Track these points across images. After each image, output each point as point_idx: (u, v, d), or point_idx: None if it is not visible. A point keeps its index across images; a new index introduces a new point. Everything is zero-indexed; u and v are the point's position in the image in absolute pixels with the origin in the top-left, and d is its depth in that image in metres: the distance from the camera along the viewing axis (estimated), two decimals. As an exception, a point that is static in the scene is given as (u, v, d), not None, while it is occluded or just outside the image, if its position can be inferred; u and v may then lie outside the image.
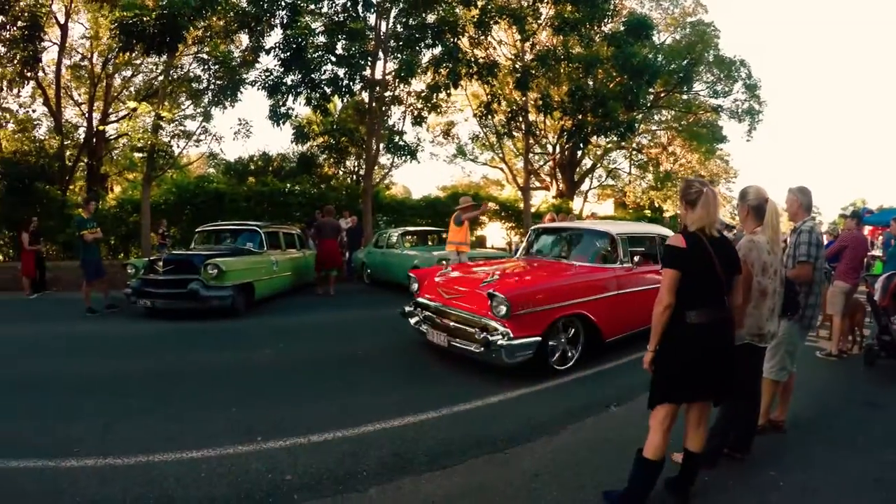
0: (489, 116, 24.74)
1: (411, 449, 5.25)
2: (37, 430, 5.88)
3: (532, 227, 11.93)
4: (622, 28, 24.30)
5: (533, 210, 27.46)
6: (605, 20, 23.59)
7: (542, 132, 30.61)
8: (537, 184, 36.54)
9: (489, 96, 24.00)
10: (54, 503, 4.40)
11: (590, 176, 43.37)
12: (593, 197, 46.64)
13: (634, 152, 43.53)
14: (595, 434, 5.58)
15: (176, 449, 5.29)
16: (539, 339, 7.44)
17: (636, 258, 9.25)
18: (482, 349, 7.31)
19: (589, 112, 23.47)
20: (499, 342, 7.16)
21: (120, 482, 4.71)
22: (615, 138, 29.02)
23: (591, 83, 24.99)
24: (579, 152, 35.54)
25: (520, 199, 28.86)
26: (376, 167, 25.53)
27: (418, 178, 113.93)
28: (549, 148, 34.69)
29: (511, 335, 7.18)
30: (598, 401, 6.48)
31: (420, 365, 8.36)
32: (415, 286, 9.53)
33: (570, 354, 8.11)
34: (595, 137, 27.35)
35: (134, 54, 22.35)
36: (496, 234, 33.14)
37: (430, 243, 18.10)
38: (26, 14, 21.65)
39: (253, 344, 9.96)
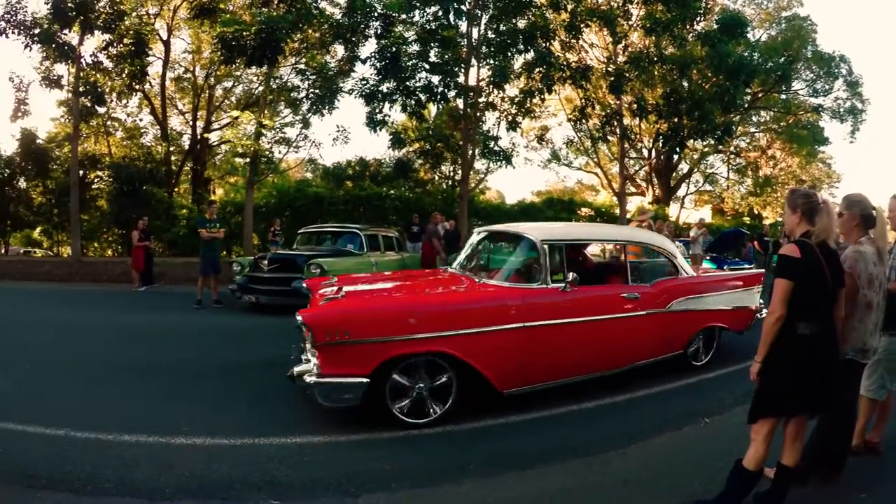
0: (583, 121, 24.40)
1: (508, 448, 5.30)
2: (149, 409, 6.43)
3: (476, 229, 9.21)
4: (715, 26, 23.60)
5: (628, 216, 26.51)
6: (697, 19, 22.96)
7: (638, 136, 29.73)
8: (633, 189, 35.61)
9: (583, 100, 23.74)
10: (164, 475, 4.76)
11: (686, 181, 41.92)
12: (690, 203, 45.11)
13: (732, 156, 41.80)
14: (689, 444, 5.50)
15: (280, 434, 5.60)
16: (366, 380, 5.56)
17: (571, 276, 6.49)
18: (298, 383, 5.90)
19: (684, 115, 23.07)
20: (306, 378, 5.70)
21: (227, 460, 5.05)
22: (712, 142, 28.37)
23: (685, 85, 24.49)
24: (675, 157, 34.67)
25: (615, 205, 28.27)
26: (471, 172, 25.58)
27: (512, 183, 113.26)
28: (645, 152, 34.10)
29: (320, 371, 5.64)
30: (694, 412, 6.33)
31: None
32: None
33: (431, 410, 5.93)
34: (691, 141, 26.73)
35: (234, 66, 23.35)
36: None
37: None
38: (132, 32, 23.11)
39: None
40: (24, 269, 21.92)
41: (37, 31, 21.87)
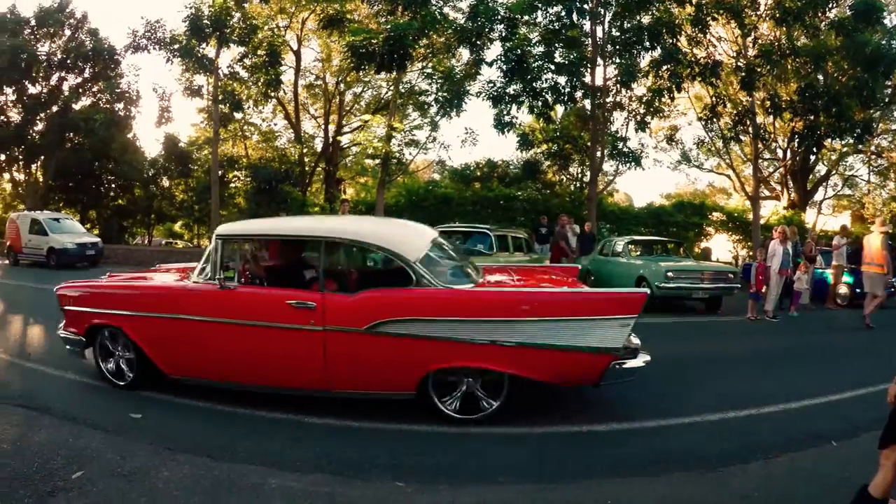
0: (714, 119, 23.53)
1: (627, 453, 5.28)
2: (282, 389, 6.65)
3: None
4: (849, 13, 22.30)
5: (762, 221, 25.42)
6: (830, 5, 21.76)
7: (772, 135, 28.10)
8: (766, 193, 33.43)
9: (713, 98, 22.97)
10: (294, 449, 5.10)
11: (824, 185, 38.10)
12: (828, 208, 41.29)
13: (873, 156, 37.54)
14: (812, 465, 5.21)
15: (405, 421, 5.83)
16: (81, 338, 6.93)
17: (224, 273, 6.25)
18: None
19: (821, 111, 21.84)
20: (59, 331, 7.39)
21: (355, 442, 5.35)
22: (851, 140, 26.55)
23: (820, 78, 23.22)
24: (812, 157, 31.83)
25: (748, 210, 26.75)
26: (599, 174, 24.89)
27: (640, 185, 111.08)
28: (779, 153, 32.34)
29: (62, 326, 7.28)
30: (821, 433, 5.96)
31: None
32: None
33: (126, 375, 6.79)
34: (829, 140, 25.18)
35: (364, 72, 24.05)
36: (722, 246, 30.52)
37: (655, 253, 17.36)
38: (265, 44, 24.54)
39: None
40: (168, 259, 23.38)
41: (176, 46, 23.47)
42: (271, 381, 6.28)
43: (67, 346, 7.28)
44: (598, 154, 22.91)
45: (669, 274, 13.14)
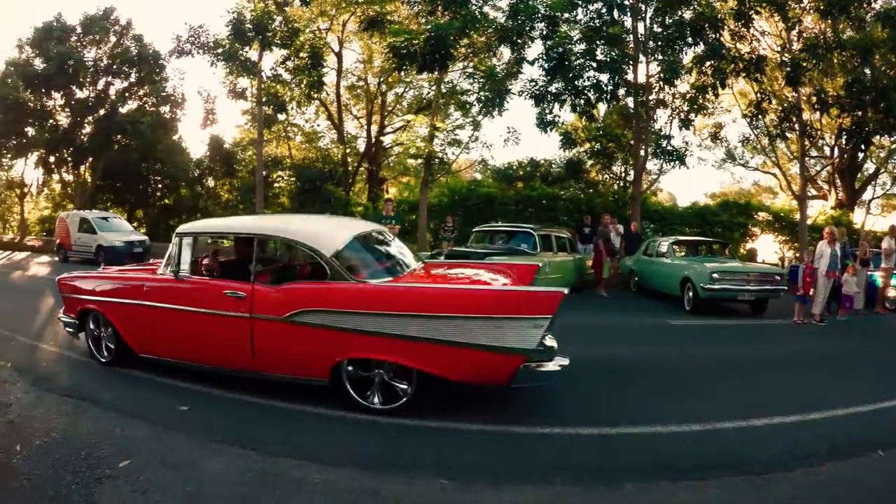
0: (759, 116, 23.01)
1: (670, 456, 5.21)
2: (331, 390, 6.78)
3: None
4: (895, 3, 21.45)
5: (809, 222, 24.50)
6: None
7: (819, 132, 27.63)
8: (813, 192, 32.01)
9: (758, 94, 22.49)
10: (341, 444, 5.13)
11: (872, 183, 36.86)
12: (877, 208, 40.26)
13: None
14: (857, 475, 5.09)
15: (452, 420, 5.86)
16: (76, 321, 8.08)
17: (174, 264, 7.03)
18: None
19: (869, 107, 21.23)
20: (59, 314, 8.69)
21: (400, 439, 5.43)
22: None
23: (868, 72, 22.53)
24: (860, 155, 30.96)
25: (794, 210, 25.94)
26: (643, 173, 24.55)
27: (684, 184, 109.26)
28: (827, 150, 31.52)
29: (61, 311, 8.53)
30: (868, 441, 5.80)
31: (680, 376, 8.09)
32: None
33: (104, 352, 7.89)
34: (877, 137, 24.15)
35: (405, 73, 24.15)
36: (768, 247, 29.02)
37: (700, 254, 16.92)
38: (307, 46, 24.70)
39: None
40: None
41: (219, 50, 23.81)
42: (212, 362, 6.96)
43: (67, 329, 8.44)
44: (642, 153, 22.58)
45: (715, 275, 12.88)
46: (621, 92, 21.71)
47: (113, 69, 38.56)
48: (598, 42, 21.02)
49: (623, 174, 28.49)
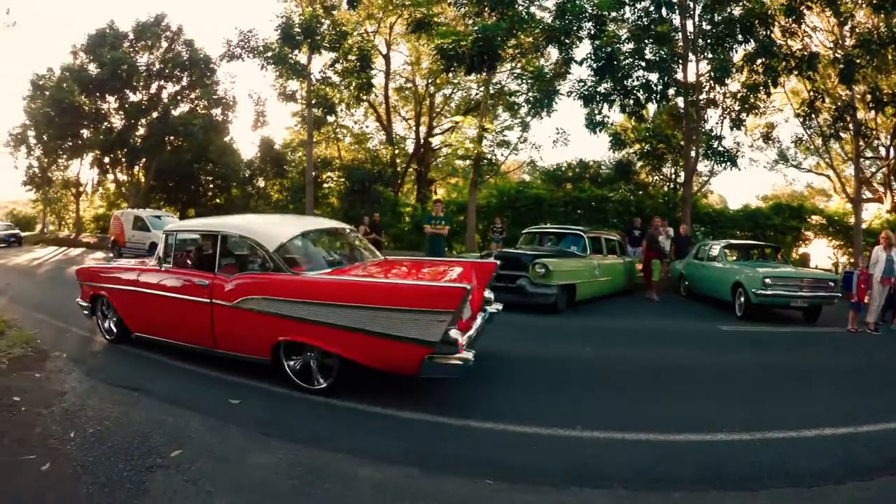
0: (812, 116, 22.38)
1: (721, 466, 5.11)
2: (379, 385, 6.90)
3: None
4: None
5: (864, 226, 23.86)
6: None
7: (874, 132, 26.11)
8: (868, 194, 30.99)
9: (810, 93, 21.90)
10: (390, 441, 5.31)
11: None
12: None
13: None
14: None
15: (502, 421, 5.86)
16: (88, 305, 9.31)
17: (157, 257, 8.30)
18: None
19: None
20: (77, 300, 9.76)
21: (450, 438, 5.50)
22: None
23: None
24: None
25: (849, 213, 25.16)
26: (693, 174, 23.56)
27: (735, 186, 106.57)
28: (882, 151, 30.53)
29: (78, 298, 9.69)
30: None
31: (730, 383, 7.82)
32: None
33: (112, 329, 8.99)
34: None
35: (453, 74, 24.19)
36: (821, 252, 27.41)
37: (752, 258, 16.38)
38: (355, 49, 24.99)
39: (572, 340, 10.32)
40: None
41: (269, 54, 24.21)
42: (183, 340, 7.90)
43: (83, 312, 9.49)
44: (692, 153, 21.97)
45: (767, 280, 12.47)
46: (671, 91, 21.34)
47: (165, 73, 39.71)
48: (646, 41, 20.71)
49: (673, 176, 28.02)
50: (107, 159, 42.21)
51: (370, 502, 4.24)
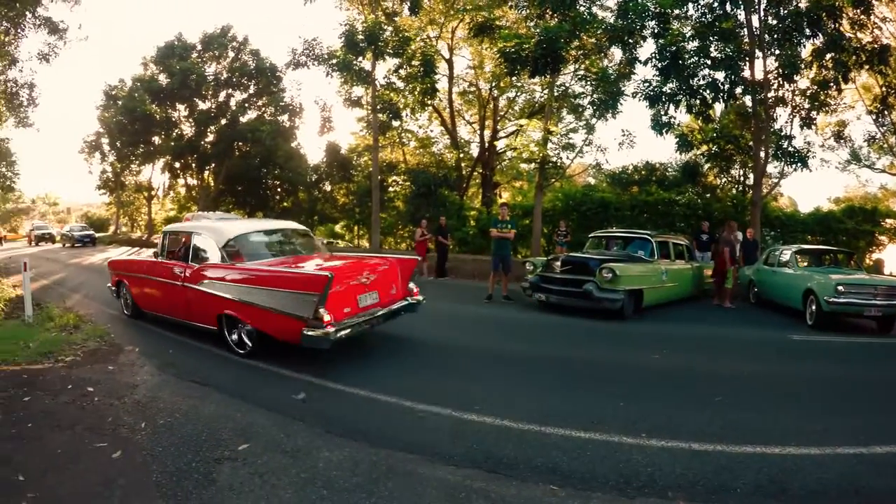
0: (885, 112, 21.35)
1: (787, 480, 4.90)
2: (442, 386, 7.18)
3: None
4: None
5: None
6: None
7: None
8: None
9: (883, 88, 20.97)
10: (456, 444, 5.40)
11: None
12: None
13: None
14: None
15: (565, 426, 5.80)
16: (114, 288, 12.12)
17: (154, 250, 11.29)
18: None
19: None
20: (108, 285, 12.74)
21: (513, 441, 5.47)
22: None
23: None
24: None
25: None
26: (764, 176, 22.36)
27: (806, 188, 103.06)
28: None
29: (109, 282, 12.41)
30: None
31: (799, 394, 7.45)
32: None
33: (129, 307, 11.73)
34: None
35: (517, 77, 24.12)
36: None
37: (825, 264, 15.38)
38: (418, 54, 25.14)
39: (638, 347, 10.10)
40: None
41: (333, 61, 24.58)
42: (172, 314, 10.23)
43: (112, 294, 12.24)
44: (762, 154, 21.02)
45: (840, 288, 11.78)
46: (738, 90, 20.55)
47: (233, 82, 41.14)
48: (711, 38, 19.99)
49: (742, 178, 27.15)
50: (177, 164, 44.12)
51: (432, 502, 4.27)
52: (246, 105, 41.88)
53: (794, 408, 6.68)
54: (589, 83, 21.46)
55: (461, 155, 35.06)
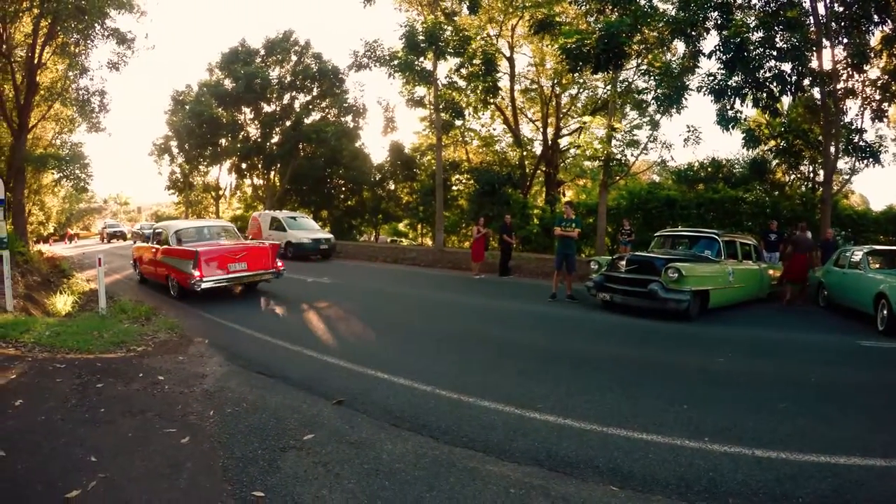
0: None
1: (851, 491, 4.71)
2: (505, 383, 7.19)
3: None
4: None
5: None
6: None
7: None
8: None
9: None
10: (516, 441, 5.38)
11: None
12: None
13: None
14: None
15: (627, 427, 5.76)
16: (133, 262, 18.43)
17: (161, 238, 16.11)
18: None
19: None
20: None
21: (574, 441, 5.44)
22: None
23: None
24: None
25: None
26: (834, 172, 21.24)
27: (878, 184, 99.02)
28: None
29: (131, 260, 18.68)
30: None
31: (867, 403, 7.08)
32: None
33: (139, 277, 18.06)
34: None
35: (579, 74, 23.84)
36: None
37: None
38: (479, 53, 25.31)
39: (703, 349, 9.90)
40: (394, 254, 27.23)
41: (395, 62, 24.97)
42: (152, 277, 16.40)
43: (133, 268, 18.37)
44: (832, 149, 19.95)
45: None
46: (806, 82, 19.51)
47: (296, 85, 42.09)
48: (776, 28, 18.94)
49: (811, 174, 25.97)
50: (244, 165, 45.32)
51: (493, 499, 4.27)
52: (310, 107, 42.71)
53: (860, 417, 6.43)
54: (652, 78, 20.81)
55: (524, 153, 34.89)
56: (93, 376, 6.95)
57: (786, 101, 21.70)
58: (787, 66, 19.00)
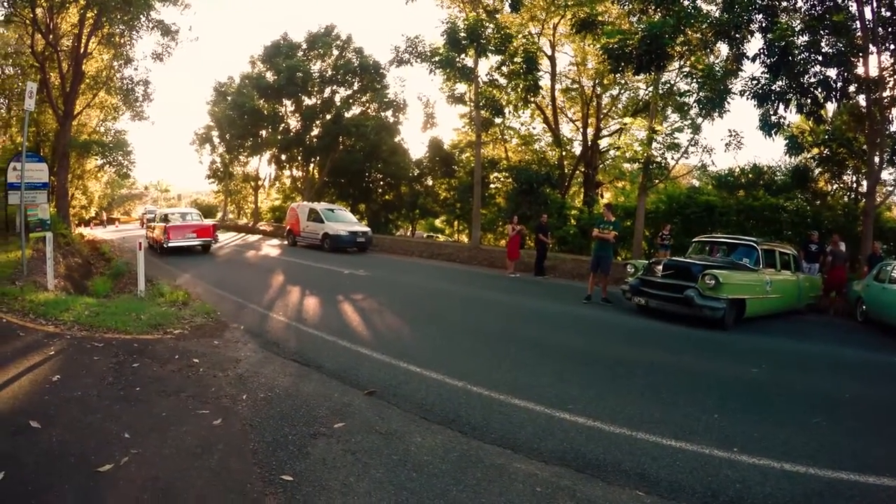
0: None
1: None
2: (537, 383, 7.15)
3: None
4: None
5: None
6: None
7: None
8: None
9: None
10: (544, 441, 5.41)
11: None
12: None
13: None
14: None
15: (657, 433, 5.72)
16: (145, 231, 29.16)
17: (168, 222, 24.28)
18: None
19: None
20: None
21: (603, 443, 5.43)
22: None
23: None
24: None
25: None
26: (878, 183, 20.73)
27: None
28: None
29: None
30: None
31: None
32: None
33: (149, 245, 24.23)
34: None
35: (620, 74, 23.68)
36: None
37: None
38: (520, 51, 25.10)
39: (737, 358, 9.70)
40: (430, 250, 27.45)
41: (436, 59, 24.97)
42: (156, 242, 24.19)
43: (146, 238, 24.66)
44: (876, 159, 19.36)
45: None
46: (851, 88, 19.22)
47: (337, 79, 42.50)
48: (821, 32, 18.70)
49: (854, 184, 25.46)
50: (284, 156, 46.01)
51: (518, 497, 4.29)
52: (350, 101, 43.07)
53: (894, 437, 6.35)
54: (695, 80, 20.53)
55: (563, 153, 34.85)
56: (129, 356, 7.11)
57: (830, 107, 21.40)
58: (832, 72, 18.75)
